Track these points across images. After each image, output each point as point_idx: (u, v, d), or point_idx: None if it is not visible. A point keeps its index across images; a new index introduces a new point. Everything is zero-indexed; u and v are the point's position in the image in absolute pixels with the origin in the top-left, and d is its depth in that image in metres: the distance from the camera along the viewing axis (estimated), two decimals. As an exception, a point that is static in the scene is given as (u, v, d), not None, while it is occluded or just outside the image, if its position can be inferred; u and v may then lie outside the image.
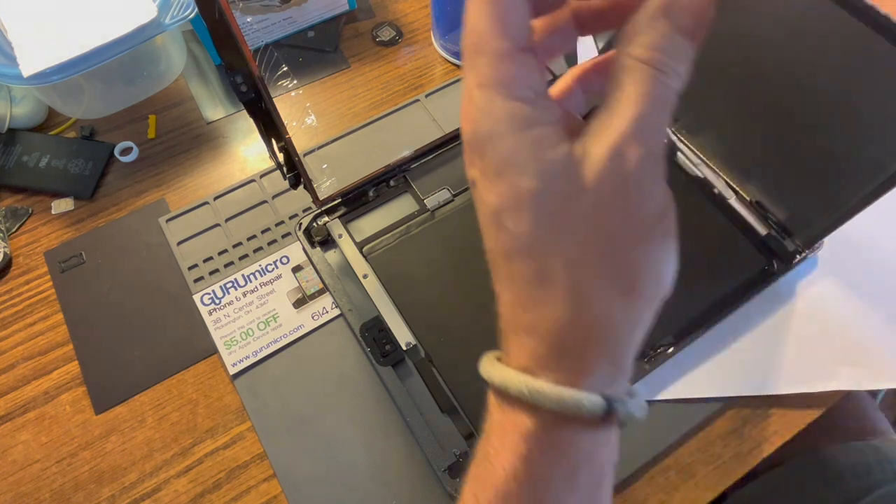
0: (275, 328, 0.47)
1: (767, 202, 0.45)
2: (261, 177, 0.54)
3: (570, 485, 0.22)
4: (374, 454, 0.42)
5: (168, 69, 0.56)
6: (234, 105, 0.59)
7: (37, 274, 0.50)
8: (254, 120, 0.37)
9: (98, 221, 0.52)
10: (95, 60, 0.47)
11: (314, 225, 0.46)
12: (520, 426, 0.21)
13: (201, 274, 0.49)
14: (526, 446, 0.21)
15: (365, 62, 0.61)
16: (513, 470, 0.22)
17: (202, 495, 0.42)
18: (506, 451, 0.22)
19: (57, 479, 0.43)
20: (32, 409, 0.45)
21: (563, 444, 0.21)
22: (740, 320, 0.45)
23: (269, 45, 0.59)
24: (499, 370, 0.22)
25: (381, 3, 0.65)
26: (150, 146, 0.56)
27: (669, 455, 0.43)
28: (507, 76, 0.19)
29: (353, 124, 0.56)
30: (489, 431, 0.23)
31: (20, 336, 0.47)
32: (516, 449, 0.22)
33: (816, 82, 0.36)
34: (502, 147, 0.20)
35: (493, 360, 0.23)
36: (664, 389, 0.43)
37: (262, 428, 0.43)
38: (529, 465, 0.21)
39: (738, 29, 0.39)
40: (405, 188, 0.49)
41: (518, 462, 0.21)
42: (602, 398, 0.21)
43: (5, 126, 0.55)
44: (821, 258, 0.48)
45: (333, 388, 0.45)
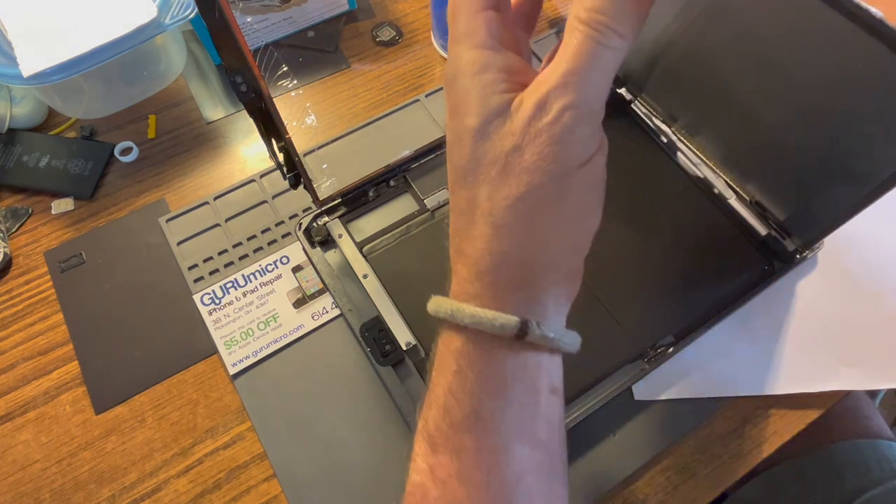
0: (275, 328, 0.47)
1: (767, 202, 0.45)
2: (261, 177, 0.54)
3: (501, 399, 0.24)
4: (374, 454, 0.42)
5: (168, 69, 0.56)
6: (234, 105, 0.59)
7: (37, 274, 0.50)
8: (254, 120, 0.37)
9: (98, 221, 0.52)
10: (95, 60, 0.47)
11: (314, 225, 0.46)
12: (450, 346, 0.24)
13: (201, 274, 0.49)
14: (456, 363, 0.24)
15: (365, 62, 0.61)
16: (448, 386, 0.24)
17: (202, 495, 0.42)
18: (443, 372, 0.24)
19: (57, 479, 0.43)
20: (32, 409, 0.45)
21: (487, 359, 0.24)
22: (740, 320, 0.45)
23: (269, 45, 0.59)
24: (434, 300, 0.25)
25: (381, 3, 0.65)
26: (150, 146, 0.56)
27: (669, 455, 0.43)
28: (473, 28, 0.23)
29: (353, 124, 0.56)
30: (431, 362, 0.26)
31: (20, 336, 0.47)
32: (450, 367, 0.24)
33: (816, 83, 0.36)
34: (459, 87, 0.23)
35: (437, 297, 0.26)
36: (664, 389, 0.43)
37: (262, 428, 0.43)
38: (461, 379, 0.24)
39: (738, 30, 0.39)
40: (405, 188, 0.49)
41: (452, 378, 0.24)
42: (517, 319, 0.23)
43: (5, 126, 0.55)
44: (821, 258, 0.48)
45: (333, 388, 0.45)
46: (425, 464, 0.24)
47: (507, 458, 0.23)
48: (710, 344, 0.44)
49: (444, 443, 0.24)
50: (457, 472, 0.23)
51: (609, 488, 0.41)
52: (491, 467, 0.23)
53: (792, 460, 0.50)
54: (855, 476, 0.48)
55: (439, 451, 0.24)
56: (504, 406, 0.23)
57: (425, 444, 0.24)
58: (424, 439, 0.24)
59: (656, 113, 0.49)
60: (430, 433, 0.24)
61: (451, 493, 0.23)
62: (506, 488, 0.23)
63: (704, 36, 0.41)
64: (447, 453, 0.23)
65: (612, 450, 0.42)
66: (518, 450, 0.23)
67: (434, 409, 0.24)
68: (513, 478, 0.23)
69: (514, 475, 0.23)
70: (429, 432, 0.24)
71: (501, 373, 0.24)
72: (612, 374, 0.42)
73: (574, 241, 0.24)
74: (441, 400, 0.24)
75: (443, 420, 0.24)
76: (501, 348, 0.24)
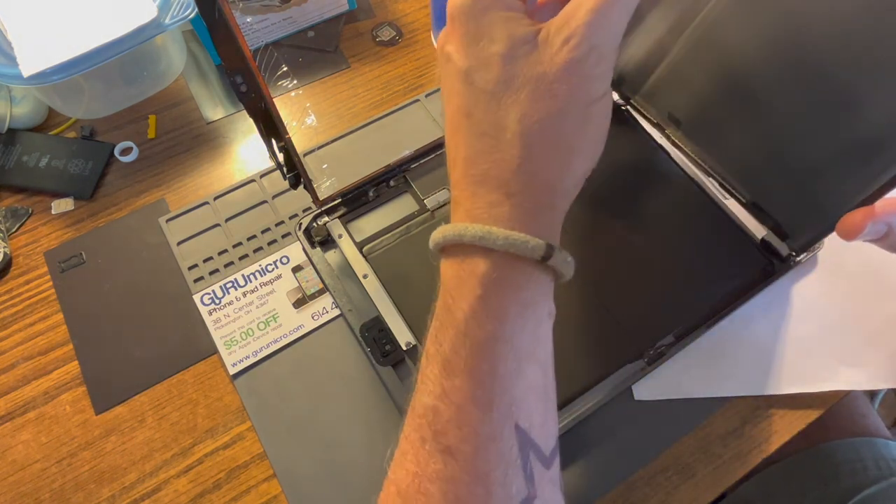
0: (275, 328, 0.47)
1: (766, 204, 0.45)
2: (261, 177, 0.54)
3: (520, 323, 0.24)
4: (374, 454, 0.42)
5: (168, 69, 0.56)
6: (234, 105, 0.59)
7: (37, 274, 0.50)
8: (254, 120, 0.37)
9: (98, 221, 0.52)
10: (95, 60, 0.47)
11: (314, 225, 0.46)
12: (476, 271, 0.24)
13: (201, 274, 0.49)
14: (482, 287, 0.24)
15: (365, 62, 0.61)
16: (471, 311, 0.24)
17: (202, 495, 0.42)
18: (464, 297, 0.25)
19: (57, 479, 0.43)
20: (32, 409, 0.45)
21: (513, 283, 0.24)
22: (740, 320, 0.45)
23: (269, 45, 0.59)
24: (453, 226, 0.25)
25: (381, 3, 0.65)
26: (150, 146, 0.56)
27: (669, 455, 0.43)
28: None
29: (353, 124, 0.56)
30: (446, 289, 0.26)
31: (20, 336, 0.47)
32: (473, 292, 0.24)
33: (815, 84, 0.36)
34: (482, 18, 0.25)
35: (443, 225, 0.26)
36: (664, 389, 0.43)
37: (262, 428, 0.43)
38: (485, 304, 0.24)
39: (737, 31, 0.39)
40: (405, 188, 0.49)
41: (476, 303, 0.24)
42: (544, 242, 0.24)
43: (5, 126, 0.55)
44: (820, 258, 0.48)
45: (333, 388, 0.45)
46: (439, 387, 0.24)
47: (519, 379, 0.24)
48: (710, 344, 0.44)
49: (462, 366, 0.24)
50: (472, 396, 0.24)
51: (609, 488, 0.41)
52: (505, 390, 0.24)
53: (788, 459, 0.50)
54: (851, 474, 0.48)
55: (455, 375, 0.24)
56: (520, 330, 0.24)
57: (439, 368, 0.25)
58: (438, 363, 0.25)
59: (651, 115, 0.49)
60: (447, 357, 0.25)
61: (466, 415, 0.24)
62: (513, 407, 0.24)
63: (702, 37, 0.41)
64: (463, 376, 0.24)
65: (612, 450, 0.42)
66: (527, 370, 0.25)
67: (452, 332, 0.25)
68: (520, 397, 0.24)
69: (521, 395, 0.24)
70: (444, 356, 0.25)
71: (523, 297, 0.24)
72: (612, 374, 0.42)
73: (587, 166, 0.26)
74: (462, 325, 0.24)
75: (462, 345, 0.24)
76: (525, 272, 0.25)
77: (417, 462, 0.25)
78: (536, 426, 0.25)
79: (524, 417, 0.24)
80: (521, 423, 0.24)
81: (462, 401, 0.24)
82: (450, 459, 0.24)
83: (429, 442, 0.24)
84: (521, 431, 0.24)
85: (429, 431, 0.24)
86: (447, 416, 0.24)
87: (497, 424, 0.24)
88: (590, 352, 0.41)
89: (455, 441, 0.24)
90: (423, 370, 0.26)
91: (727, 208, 0.46)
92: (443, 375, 0.24)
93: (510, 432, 0.24)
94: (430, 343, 0.26)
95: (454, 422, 0.24)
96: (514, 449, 0.24)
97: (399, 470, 0.26)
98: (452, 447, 0.24)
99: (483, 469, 0.23)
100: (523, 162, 0.24)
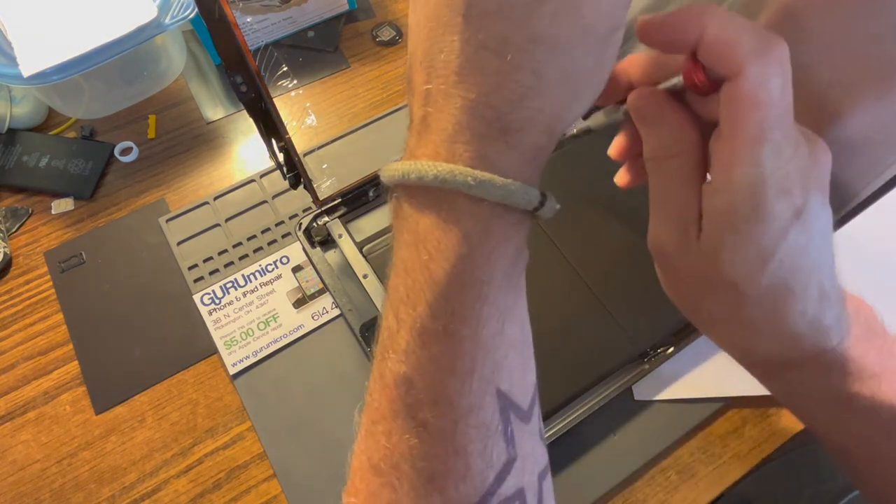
0: (275, 328, 0.47)
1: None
2: (261, 177, 0.54)
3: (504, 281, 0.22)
4: (374, 454, 0.42)
5: (168, 69, 0.56)
6: (234, 105, 0.59)
7: (37, 274, 0.50)
8: (254, 120, 0.37)
9: (98, 221, 0.52)
10: (95, 60, 0.47)
11: (314, 225, 0.46)
12: (461, 223, 0.21)
13: (201, 274, 0.49)
14: (467, 244, 0.21)
15: (365, 62, 0.61)
16: (454, 271, 0.21)
17: (202, 495, 0.42)
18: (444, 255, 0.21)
19: (57, 479, 0.43)
20: (32, 409, 0.45)
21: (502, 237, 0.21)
22: (740, 320, 0.45)
23: (269, 45, 0.59)
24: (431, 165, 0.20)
25: (381, 3, 0.65)
26: (150, 146, 0.56)
27: (669, 455, 0.43)
28: None
29: (353, 124, 0.56)
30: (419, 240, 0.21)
31: (20, 336, 0.47)
32: (457, 249, 0.21)
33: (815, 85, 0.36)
34: None
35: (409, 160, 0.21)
36: (664, 389, 0.43)
37: (262, 428, 0.43)
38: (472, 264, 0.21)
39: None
40: (405, 188, 0.49)
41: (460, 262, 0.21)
42: (538, 192, 0.21)
43: (5, 126, 0.55)
44: (821, 258, 0.48)
45: (333, 388, 0.45)
46: (413, 356, 0.22)
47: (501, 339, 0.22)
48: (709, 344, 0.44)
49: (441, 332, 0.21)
50: (450, 366, 0.21)
51: (609, 488, 0.41)
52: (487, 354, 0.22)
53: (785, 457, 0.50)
54: None
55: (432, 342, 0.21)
56: (506, 288, 0.22)
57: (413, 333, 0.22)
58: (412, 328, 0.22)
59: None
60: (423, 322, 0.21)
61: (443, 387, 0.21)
62: (495, 372, 0.22)
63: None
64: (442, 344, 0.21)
65: (612, 450, 0.42)
66: (509, 328, 0.22)
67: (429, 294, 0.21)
68: (501, 358, 0.22)
69: (503, 356, 0.22)
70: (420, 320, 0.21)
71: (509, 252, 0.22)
72: (612, 374, 0.42)
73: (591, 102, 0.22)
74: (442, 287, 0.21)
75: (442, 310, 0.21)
76: (514, 224, 0.21)
77: (389, 436, 0.22)
78: (517, 384, 0.23)
79: (505, 380, 0.22)
80: (503, 385, 0.22)
81: (439, 372, 0.21)
82: (425, 435, 0.22)
83: (401, 416, 0.22)
84: (502, 395, 0.22)
85: (401, 405, 0.22)
86: (422, 389, 0.22)
87: (477, 394, 0.22)
88: (590, 352, 0.41)
89: (431, 416, 0.22)
90: (392, 332, 0.22)
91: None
92: (417, 343, 0.22)
93: (491, 399, 0.22)
94: (400, 302, 0.22)
95: (430, 395, 0.22)
96: (496, 415, 0.22)
97: (371, 439, 0.23)
98: (428, 423, 0.22)
99: (461, 443, 0.22)
100: (529, 93, 0.20)
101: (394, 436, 0.22)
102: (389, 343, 0.23)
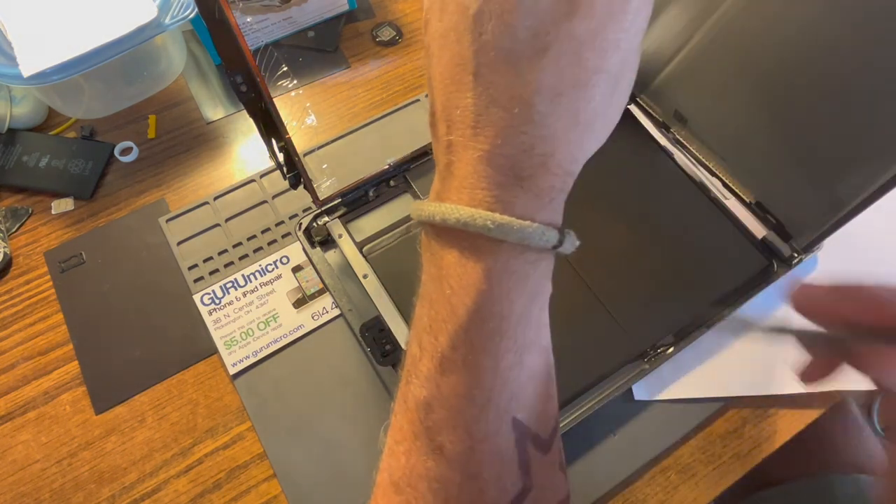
0: (275, 328, 0.47)
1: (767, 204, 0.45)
2: (261, 177, 0.54)
3: (525, 315, 0.23)
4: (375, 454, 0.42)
5: (168, 69, 0.56)
6: (234, 105, 0.59)
7: (37, 274, 0.50)
8: (254, 120, 0.37)
9: (98, 221, 0.52)
10: (95, 60, 0.47)
11: (314, 225, 0.46)
12: (481, 262, 0.22)
13: (201, 274, 0.49)
14: (487, 282, 0.22)
15: (365, 62, 0.61)
16: (474, 307, 0.22)
17: (202, 495, 0.42)
18: (466, 291, 0.22)
19: (57, 479, 0.43)
20: (32, 409, 0.45)
21: (521, 275, 0.22)
22: (740, 320, 0.45)
23: (269, 45, 0.59)
24: (454, 209, 0.22)
25: (381, 3, 0.65)
26: (150, 146, 0.56)
27: (669, 455, 0.43)
28: None
29: (353, 124, 0.56)
30: (443, 275, 0.23)
31: (20, 336, 0.47)
32: (478, 286, 0.22)
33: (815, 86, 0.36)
34: None
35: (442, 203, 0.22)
36: (664, 389, 0.43)
37: (262, 428, 0.43)
38: (491, 300, 0.22)
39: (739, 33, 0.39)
40: (405, 188, 0.49)
41: (480, 298, 0.22)
42: (557, 231, 0.22)
43: (5, 126, 0.55)
44: (821, 258, 0.48)
45: (333, 388, 0.45)
46: (433, 383, 0.23)
47: (520, 371, 0.23)
48: (710, 344, 0.44)
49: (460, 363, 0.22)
50: (468, 394, 0.22)
51: (609, 488, 0.41)
52: (504, 384, 0.22)
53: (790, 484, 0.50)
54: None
55: (451, 371, 0.22)
56: (525, 322, 0.23)
57: (434, 362, 0.23)
58: (433, 357, 0.23)
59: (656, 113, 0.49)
60: (443, 352, 0.23)
61: (460, 415, 0.22)
62: (513, 401, 0.23)
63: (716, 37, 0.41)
64: (460, 374, 0.22)
65: (612, 450, 0.42)
66: (528, 360, 0.23)
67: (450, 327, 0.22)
68: (519, 389, 0.23)
69: (520, 387, 0.23)
70: (441, 351, 0.23)
71: (530, 287, 0.22)
72: (612, 374, 0.42)
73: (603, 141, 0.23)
74: (463, 321, 0.22)
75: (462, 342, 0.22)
76: (533, 262, 0.22)
77: (409, 456, 0.24)
78: (536, 414, 0.24)
79: (523, 408, 0.23)
80: (520, 415, 0.23)
81: (457, 400, 0.23)
82: (441, 459, 0.23)
83: (421, 438, 0.23)
84: (519, 424, 0.23)
85: (421, 427, 0.23)
86: (440, 415, 0.23)
87: (493, 422, 0.23)
88: (590, 352, 0.41)
89: (447, 441, 0.23)
90: (416, 360, 0.24)
91: (728, 208, 0.46)
92: (438, 371, 0.23)
93: (507, 427, 0.23)
94: (423, 332, 0.24)
95: (447, 421, 0.23)
96: (511, 443, 0.23)
97: (392, 458, 0.25)
98: (445, 447, 0.23)
99: (475, 469, 0.23)
100: (539, 141, 0.21)
101: (413, 456, 0.23)
102: (412, 369, 0.24)
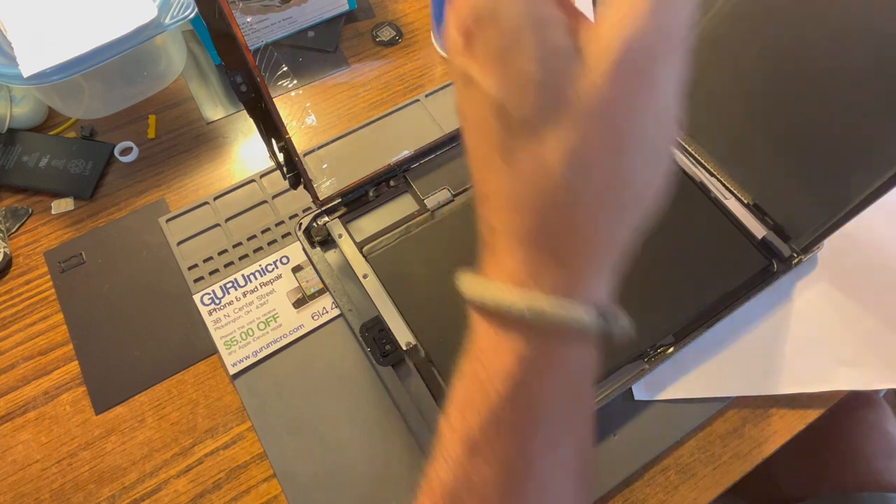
0: (275, 328, 0.47)
1: (766, 205, 0.45)
2: (261, 177, 0.54)
3: (561, 404, 0.21)
4: (374, 454, 0.42)
5: (168, 69, 0.56)
6: (234, 105, 0.59)
7: (37, 274, 0.50)
8: (254, 120, 0.37)
9: (98, 221, 0.52)
10: (95, 60, 0.47)
11: (314, 225, 0.46)
12: (516, 347, 0.21)
13: (201, 274, 0.49)
14: (521, 370, 0.21)
15: (365, 62, 0.61)
16: (507, 394, 0.21)
17: (202, 495, 0.42)
18: (499, 375, 0.21)
19: (57, 480, 0.43)
20: (32, 409, 0.45)
21: (560, 362, 0.21)
22: (740, 320, 0.45)
23: (269, 45, 0.59)
24: (492, 289, 0.21)
25: (381, 3, 0.65)
26: (150, 146, 0.56)
27: (669, 455, 0.43)
28: None
29: (353, 124, 0.56)
30: (477, 352, 0.22)
31: (20, 336, 0.47)
32: (511, 373, 0.21)
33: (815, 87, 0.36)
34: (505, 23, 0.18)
35: (477, 278, 0.22)
36: (664, 389, 0.43)
37: (262, 428, 0.43)
38: (524, 390, 0.21)
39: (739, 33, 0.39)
40: (405, 188, 0.49)
41: (513, 387, 0.21)
42: (597, 314, 0.20)
43: (5, 126, 0.55)
44: (820, 258, 0.48)
45: (333, 388, 0.45)
46: (461, 468, 0.22)
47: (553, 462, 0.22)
48: (710, 344, 0.44)
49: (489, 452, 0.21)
50: (495, 483, 0.21)
51: (609, 488, 0.41)
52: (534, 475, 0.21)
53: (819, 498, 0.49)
54: None
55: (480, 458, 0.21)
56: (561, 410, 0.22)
57: (463, 446, 0.22)
58: (462, 440, 0.22)
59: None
60: (473, 437, 0.21)
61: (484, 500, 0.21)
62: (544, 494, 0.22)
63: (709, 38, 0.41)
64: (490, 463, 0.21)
65: (612, 450, 0.42)
66: (563, 452, 0.22)
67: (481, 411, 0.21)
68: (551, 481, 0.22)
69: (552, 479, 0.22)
70: (470, 435, 0.22)
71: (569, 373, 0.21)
72: (612, 374, 0.42)
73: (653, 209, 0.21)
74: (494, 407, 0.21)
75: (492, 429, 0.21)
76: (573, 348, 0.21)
77: None
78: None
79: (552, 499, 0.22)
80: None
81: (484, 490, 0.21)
82: None
83: None
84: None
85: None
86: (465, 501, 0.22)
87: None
88: (590, 352, 0.41)
89: None
90: (445, 440, 0.23)
91: (728, 208, 0.46)
92: (466, 456, 0.22)
93: None
94: (455, 411, 0.22)
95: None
96: None
97: None
98: None
99: None
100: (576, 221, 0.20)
101: None
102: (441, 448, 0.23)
